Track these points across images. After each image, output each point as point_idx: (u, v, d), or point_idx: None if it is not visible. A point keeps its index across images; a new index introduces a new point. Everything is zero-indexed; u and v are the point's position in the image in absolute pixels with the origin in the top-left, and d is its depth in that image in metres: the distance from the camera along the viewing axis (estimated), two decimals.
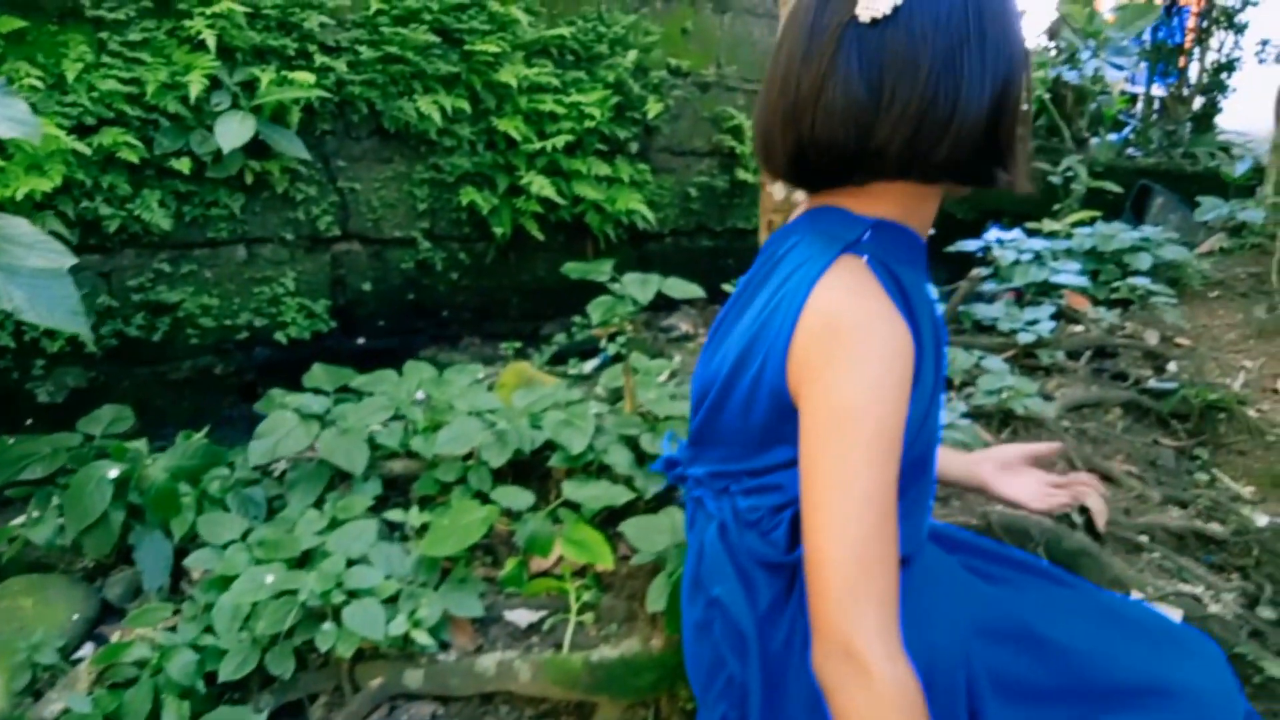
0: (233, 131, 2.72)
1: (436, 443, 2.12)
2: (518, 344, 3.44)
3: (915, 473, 0.96)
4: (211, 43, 2.71)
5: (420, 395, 2.38)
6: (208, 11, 2.74)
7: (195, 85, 2.67)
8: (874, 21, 0.83)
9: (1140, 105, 6.83)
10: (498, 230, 3.59)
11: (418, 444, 2.19)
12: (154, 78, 2.67)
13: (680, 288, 2.82)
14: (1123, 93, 7.16)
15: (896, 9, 0.82)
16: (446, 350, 3.65)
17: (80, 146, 2.54)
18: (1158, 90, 6.97)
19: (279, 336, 3.22)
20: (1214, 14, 6.40)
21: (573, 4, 3.76)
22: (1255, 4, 6.49)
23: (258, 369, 3.27)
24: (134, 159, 2.67)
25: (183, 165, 2.79)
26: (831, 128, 0.86)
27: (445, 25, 3.28)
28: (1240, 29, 6.60)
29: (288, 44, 2.93)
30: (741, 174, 4.48)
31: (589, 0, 3.80)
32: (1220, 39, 6.62)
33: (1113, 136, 6.85)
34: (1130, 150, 6.70)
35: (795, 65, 0.88)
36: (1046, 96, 6.46)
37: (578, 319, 3.43)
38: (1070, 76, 5.59)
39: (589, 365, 3.11)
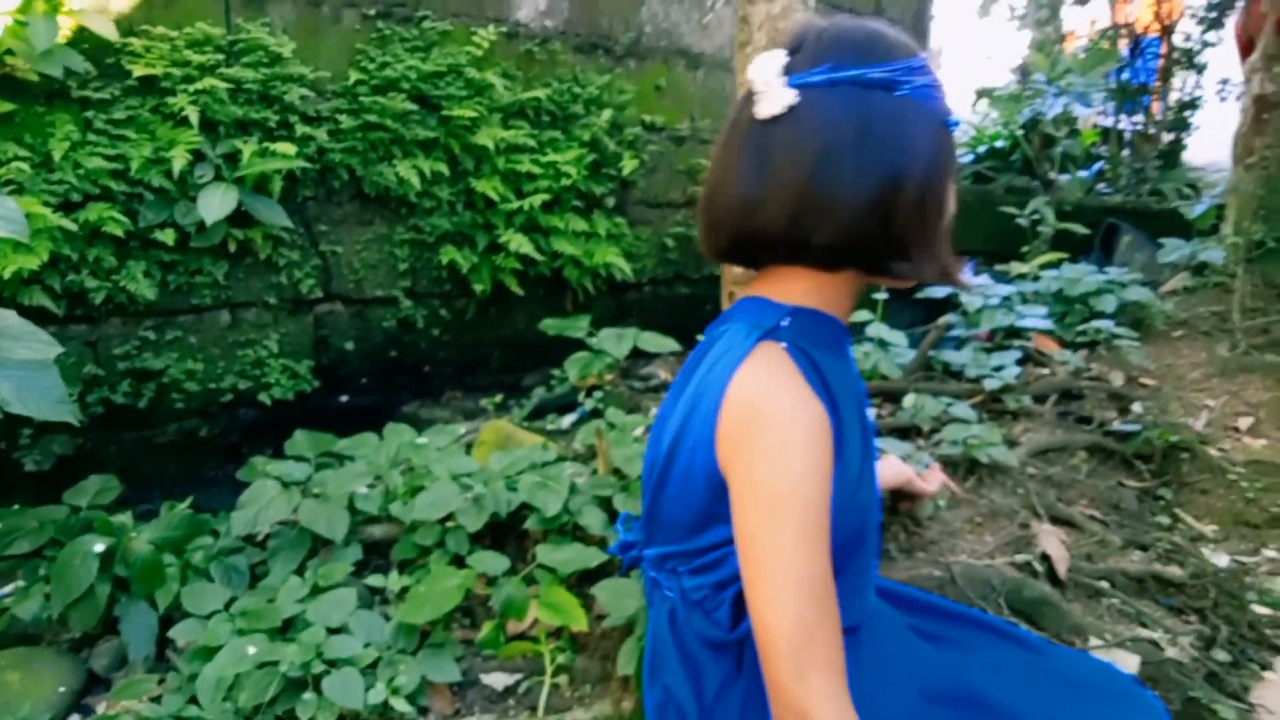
0: (215, 203, 2.80)
1: (414, 508, 2.18)
2: (498, 398, 3.50)
3: (852, 548, 1.00)
4: (194, 118, 2.80)
5: (400, 459, 2.45)
6: (190, 89, 2.83)
7: (178, 160, 2.75)
8: (771, 119, 0.92)
9: (1109, 143, 7.00)
10: (478, 287, 3.68)
11: (397, 509, 2.25)
12: (138, 154, 2.76)
13: (655, 341, 2.90)
14: (1095, 125, 7.34)
15: (790, 108, 0.91)
16: (429, 405, 3.72)
17: (66, 223, 2.62)
18: (1126, 127, 7.15)
19: (263, 398, 3.28)
20: (1174, 55, 6.59)
21: (548, 66, 3.88)
22: (1214, 45, 6.68)
23: (242, 430, 3.33)
24: (119, 232, 2.74)
25: (167, 236, 2.87)
26: (731, 213, 0.95)
27: (423, 92, 3.38)
28: (1200, 69, 6.80)
29: (269, 116, 3.03)
30: None
31: (564, 63, 3.92)
32: (1182, 79, 6.81)
33: (1084, 173, 7.01)
34: (1101, 187, 6.85)
35: (716, 156, 0.98)
36: (1019, 134, 6.64)
37: (557, 372, 3.50)
38: (1039, 117, 5.77)
39: (567, 420, 3.18)
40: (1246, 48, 4.45)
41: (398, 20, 3.38)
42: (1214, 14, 6.50)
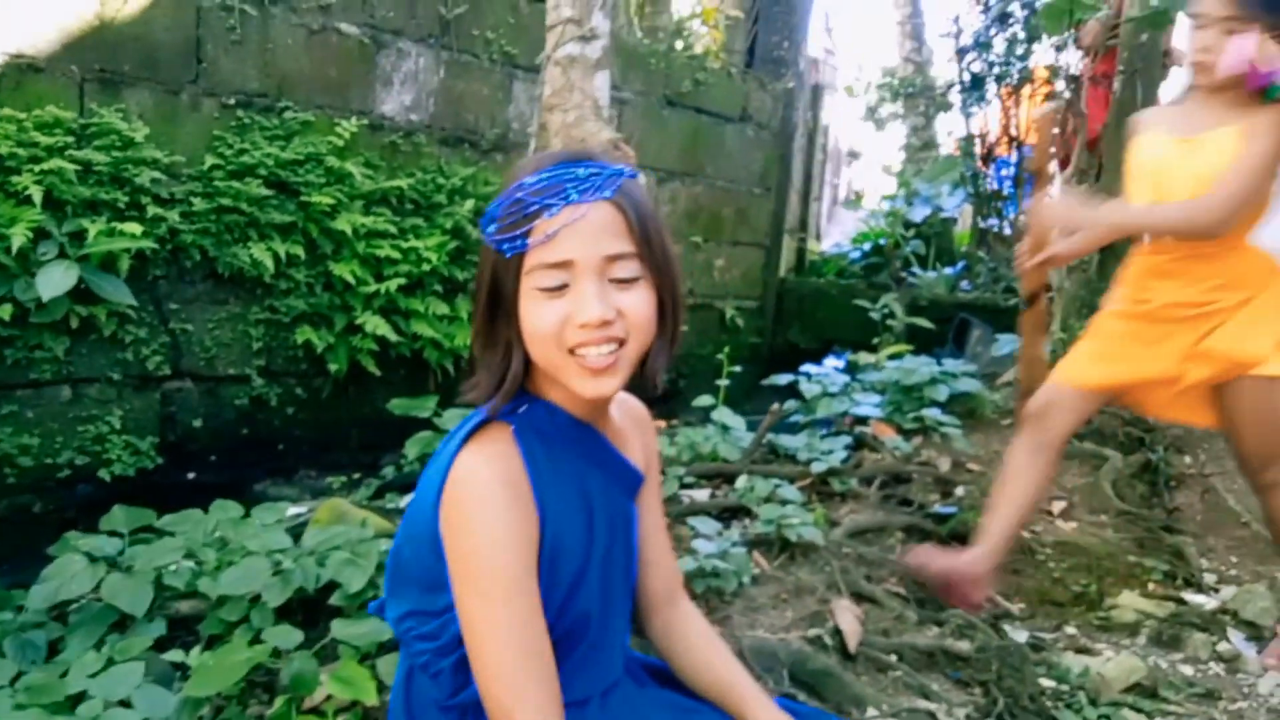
0: (54, 281, 2.84)
1: (221, 583, 2.22)
2: (344, 478, 3.55)
3: (580, 632, 1.05)
4: (37, 197, 2.85)
5: (217, 536, 2.48)
6: (36, 169, 2.89)
7: (18, 238, 2.80)
8: None
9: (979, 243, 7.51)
10: (333, 367, 3.75)
11: (205, 584, 2.27)
12: None
13: None
14: (977, 227, 7.82)
15: None
16: (280, 483, 3.73)
17: None
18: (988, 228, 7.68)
19: (103, 474, 3.26)
20: (1022, 163, 7.18)
21: (413, 157, 4.05)
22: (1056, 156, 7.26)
23: (80, 507, 3.29)
24: None
25: (4, 312, 2.88)
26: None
27: (281, 178, 3.50)
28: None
29: (119, 197, 3.10)
30: None
31: (429, 154, 4.10)
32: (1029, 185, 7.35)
33: (949, 270, 7.47)
34: (964, 284, 7.32)
35: None
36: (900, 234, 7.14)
37: (406, 453, 3.56)
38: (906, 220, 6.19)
39: (406, 500, 3.24)
40: (1064, 163, 4.92)
41: (259, 110, 3.52)
42: (1055, 130, 7.09)
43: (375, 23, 3.84)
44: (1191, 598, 2.93)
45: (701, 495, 3.34)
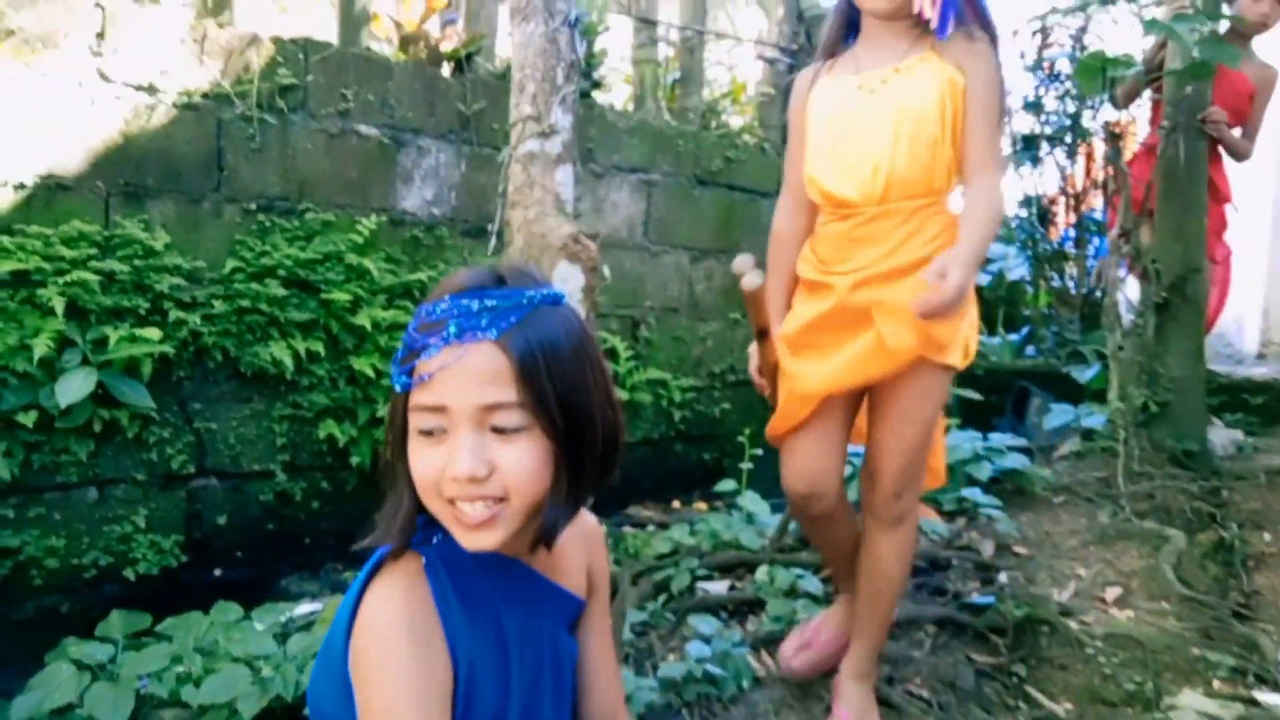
0: (73, 388, 2.95)
1: (202, 691, 2.20)
2: None
3: None
4: (60, 308, 2.98)
5: (207, 641, 2.47)
6: (61, 281, 3.03)
7: (40, 347, 2.92)
8: None
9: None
10: (357, 460, 3.78)
11: (187, 693, 2.26)
12: (3, 341, 2.93)
13: None
14: (1050, 289, 7.53)
15: None
16: (307, 578, 3.74)
17: None
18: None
19: (127, 573, 3.32)
20: (1084, 223, 6.92)
21: (436, 250, 4.13)
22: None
23: (105, 606, 3.34)
24: None
25: (29, 419, 3.00)
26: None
27: (301, 277, 3.59)
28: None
29: (141, 304, 3.22)
30: (617, 393, 4.72)
31: (452, 246, 4.17)
32: (1095, 244, 7.10)
33: (1013, 336, 7.20)
34: (1029, 349, 7.03)
35: None
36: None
37: None
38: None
39: None
40: (1110, 222, 4.71)
41: (279, 212, 3.64)
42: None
43: (395, 123, 3.96)
44: (1265, 697, 2.64)
45: (719, 587, 3.21)
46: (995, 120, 1.86)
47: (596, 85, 4.94)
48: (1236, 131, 4.08)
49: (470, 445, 0.90)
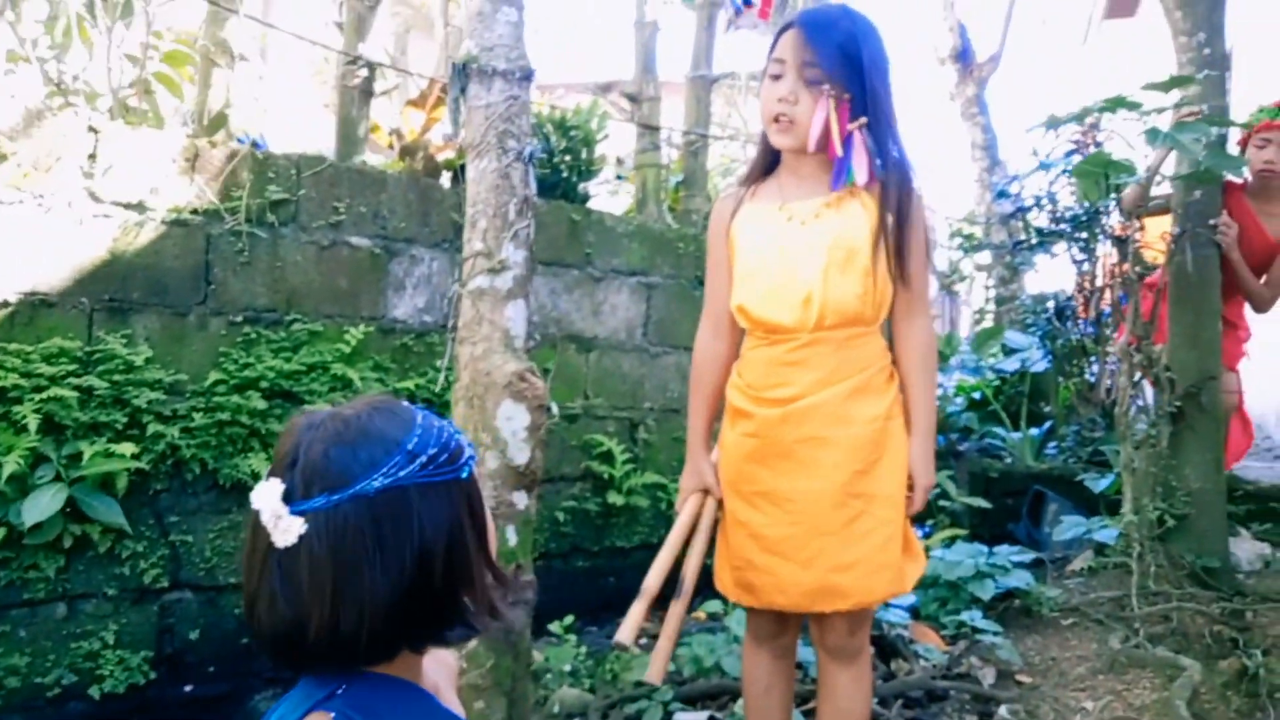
0: (40, 506, 2.94)
1: None
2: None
3: None
4: (33, 425, 2.98)
5: None
6: (38, 398, 3.04)
7: (10, 465, 2.92)
8: (289, 547, 0.94)
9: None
10: None
11: None
12: None
13: None
14: (1071, 385, 7.35)
15: (301, 536, 0.94)
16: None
17: None
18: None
19: (93, 691, 3.25)
20: (1102, 319, 6.74)
21: (426, 358, 4.11)
22: None
23: None
24: None
25: None
26: (281, 636, 0.96)
27: (285, 388, 3.59)
28: None
29: (118, 418, 3.22)
30: (613, 497, 4.64)
31: (443, 353, 4.15)
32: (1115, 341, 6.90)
33: (1034, 431, 7.01)
34: (1049, 446, 6.82)
35: (248, 580, 0.99)
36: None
37: None
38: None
39: None
40: (1119, 329, 4.58)
41: (266, 324, 3.65)
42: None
43: (387, 234, 4.00)
44: None
45: (698, 718, 3.07)
46: (923, 263, 1.92)
47: (586, 199, 5.00)
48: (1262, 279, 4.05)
49: None
